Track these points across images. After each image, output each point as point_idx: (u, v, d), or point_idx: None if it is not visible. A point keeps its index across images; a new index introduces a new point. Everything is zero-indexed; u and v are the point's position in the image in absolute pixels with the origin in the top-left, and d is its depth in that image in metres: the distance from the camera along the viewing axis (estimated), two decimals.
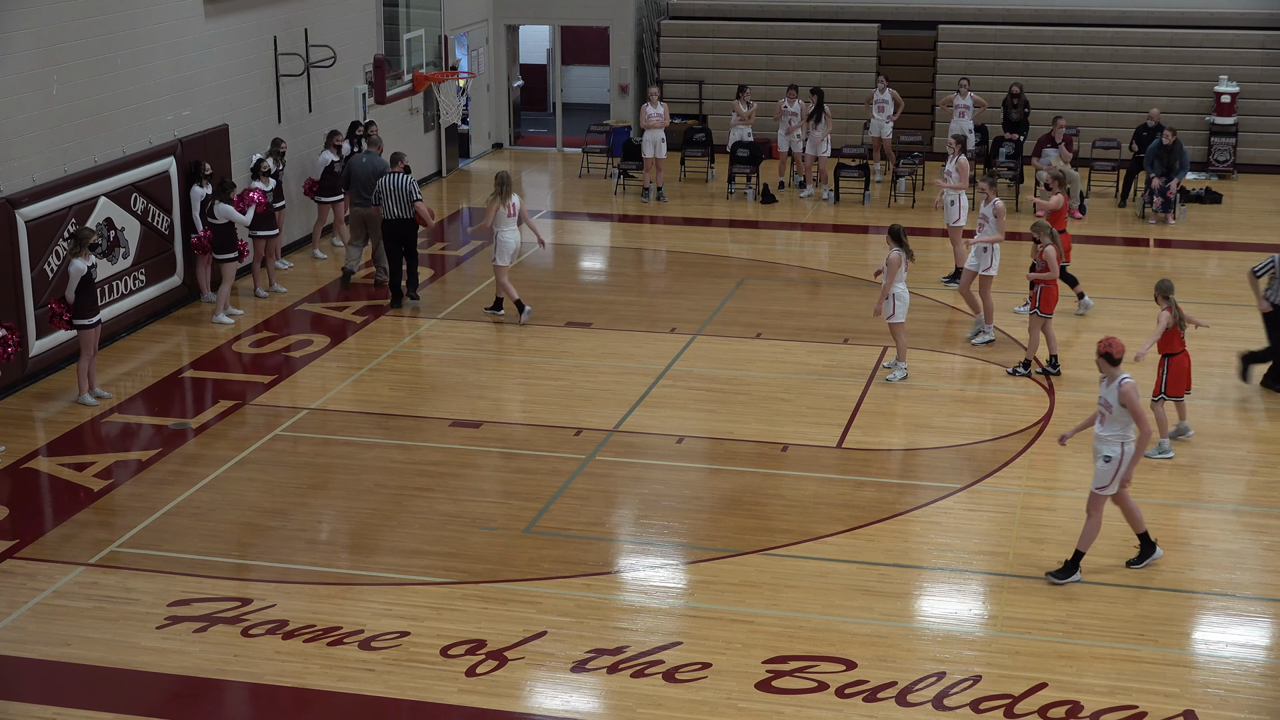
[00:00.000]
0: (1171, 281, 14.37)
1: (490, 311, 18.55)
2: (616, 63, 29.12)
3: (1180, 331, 14.24)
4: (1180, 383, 14.31)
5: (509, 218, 18.07)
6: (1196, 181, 25.64)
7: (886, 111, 25.66)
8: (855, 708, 10.05)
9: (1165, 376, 14.30)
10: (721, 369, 16.72)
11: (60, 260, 16.12)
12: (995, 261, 17.20)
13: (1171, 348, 14.27)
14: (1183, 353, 14.30)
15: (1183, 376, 14.30)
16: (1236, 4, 27.19)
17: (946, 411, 15.55)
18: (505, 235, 18.07)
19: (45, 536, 12.66)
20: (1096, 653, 10.75)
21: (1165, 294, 14.19)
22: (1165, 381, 14.30)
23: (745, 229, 23.25)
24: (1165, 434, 14.28)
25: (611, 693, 10.26)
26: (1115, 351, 11.63)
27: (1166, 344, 14.26)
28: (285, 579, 11.88)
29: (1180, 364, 14.28)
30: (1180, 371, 14.28)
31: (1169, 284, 14.28)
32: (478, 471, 14.15)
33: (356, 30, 23.11)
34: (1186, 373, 14.33)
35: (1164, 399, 14.34)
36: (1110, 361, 11.64)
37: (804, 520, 12.90)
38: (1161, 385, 14.33)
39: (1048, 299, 16.12)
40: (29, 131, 16.02)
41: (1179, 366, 14.27)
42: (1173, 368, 14.27)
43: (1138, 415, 11.44)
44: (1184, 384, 14.35)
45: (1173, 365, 14.27)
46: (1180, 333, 14.24)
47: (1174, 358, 14.28)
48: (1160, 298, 14.22)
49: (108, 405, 15.56)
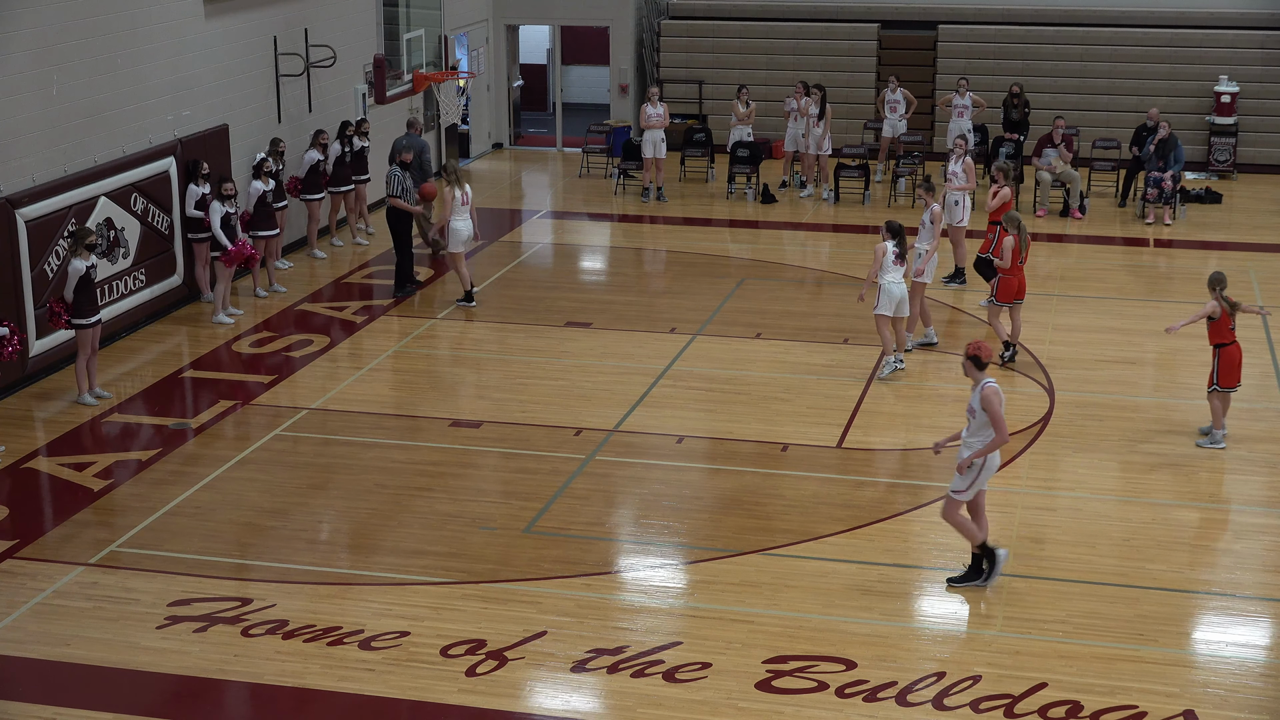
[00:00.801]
0: (1223, 274, 14.50)
1: (462, 304, 18.87)
2: (616, 63, 29.12)
3: (1230, 323, 14.31)
4: (1232, 374, 14.38)
5: (462, 206, 18.74)
6: (1196, 181, 25.63)
7: (900, 111, 25.69)
8: (855, 708, 10.05)
9: (1217, 368, 14.38)
10: (721, 369, 16.72)
11: (60, 260, 16.12)
12: (930, 269, 17.13)
13: (1221, 339, 14.36)
14: (1233, 344, 14.38)
15: (1234, 368, 14.37)
16: (1236, 4, 27.19)
17: (946, 411, 15.55)
18: (458, 223, 18.76)
19: (45, 536, 12.66)
20: (1096, 653, 10.75)
21: (1215, 285, 14.34)
22: (1217, 373, 14.39)
23: (745, 229, 23.25)
24: (1218, 425, 14.40)
25: (611, 693, 10.26)
26: (983, 355, 11.45)
27: (1216, 335, 14.37)
28: (285, 579, 11.88)
29: (1231, 355, 14.36)
30: (1231, 363, 14.35)
31: (1221, 275, 14.47)
32: (478, 471, 14.15)
33: (356, 30, 23.11)
34: (1237, 365, 14.40)
35: (1216, 390, 14.42)
36: (977, 365, 11.45)
37: (804, 520, 12.90)
38: (1214, 377, 14.42)
39: (1005, 288, 16.59)
40: (29, 131, 16.02)
41: (1229, 358, 14.35)
42: (1223, 359, 14.35)
43: (995, 421, 11.25)
44: (1235, 376, 14.42)
45: (1223, 356, 14.35)
46: (1230, 324, 14.32)
47: (1224, 349, 14.36)
48: (1212, 288, 14.35)
49: (108, 405, 15.56)
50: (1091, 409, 15.50)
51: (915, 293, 17.06)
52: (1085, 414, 15.35)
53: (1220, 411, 14.47)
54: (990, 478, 11.58)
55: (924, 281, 17.09)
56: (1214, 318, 14.30)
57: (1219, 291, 14.31)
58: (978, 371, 11.46)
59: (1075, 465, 14.09)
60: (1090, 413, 15.38)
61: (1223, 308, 14.24)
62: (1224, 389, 14.43)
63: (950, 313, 18.71)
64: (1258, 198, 24.99)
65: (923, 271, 17.02)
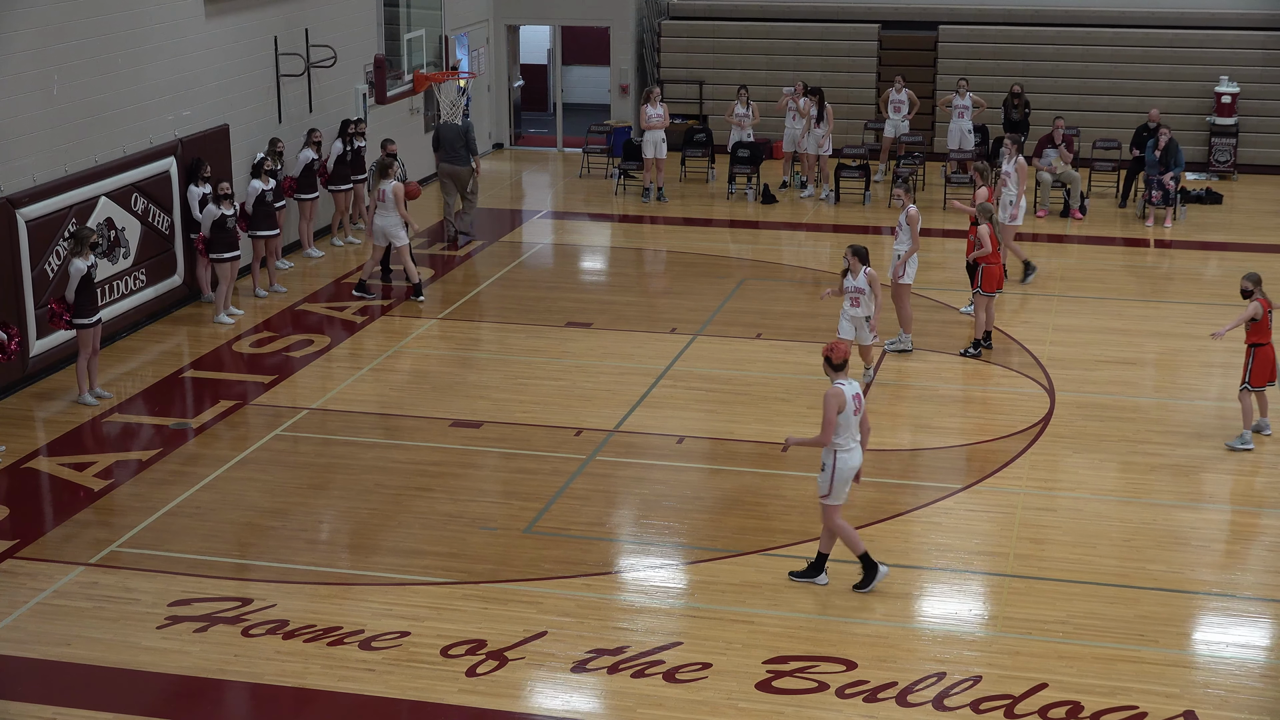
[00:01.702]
0: (1259, 274, 14.56)
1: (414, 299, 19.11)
2: (617, 63, 29.11)
3: (1269, 323, 14.37)
4: (1264, 373, 14.42)
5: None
6: (1196, 182, 25.63)
7: (903, 111, 25.69)
8: (855, 708, 10.05)
9: (1250, 366, 14.43)
10: (721, 369, 16.72)
11: (60, 260, 16.12)
12: (911, 270, 17.08)
13: (1258, 338, 14.40)
14: (1268, 344, 14.42)
15: (1267, 366, 14.42)
16: (1236, 4, 27.18)
17: (946, 411, 15.55)
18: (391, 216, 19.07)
19: (45, 536, 12.66)
20: (1096, 653, 10.75)
21: (1256, 284, 14.39)
22: (1250, 371, 14.43)
23: (745, 229, 23.25)
24: (1248, 425, 14.43)
25: (612, 693, 10.26)
26: (834, 357, 11.43)
27: (1254, 334, 14.41)
28: (285, 579, 11.88)
29: (1266, 355, 14.41)
30: (1265, 362, 14.39)
31: (1257, 275, 14.53)
32: (478, 471, 14.15)
33: (357, 30, 23.11)
34: (1272, 363, 14.44)
35: (1248, 389, 14.46)
36: (829, 365, 11.46)
37: (804, 520, 12.90)
38: (1246, 374, 14.46)
39: (989, 278, 16.81)
40: (29, 131, 16.02)
41: (1264, 357, 14.40)
42: (1258, 358, 14.39)
43: (824, 422, 11.25)
44: (1268, 374, 14.46)
45: (1258, 355, 14.39)
46: (1268, 324, 14.38)
47: (1260, 348, 14.41)
48: (1252, 287, 14.38)
49: (108, 405, 15.56)
50: (1091, 409, 15.50)
51: (901, 294, 17.06)
52: (1085, 414, 15.35)
53: (1251, 411, 14.52)
54: (848, 480, 11.45)
55: (906, 283, 17.06)
56: (1256, 319, 14.37)
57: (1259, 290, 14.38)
58: (832, 371, 11.47)
59: (1075, 465, 14.09)
60: (1090, 413, 15.38)
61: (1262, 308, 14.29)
62: (1255, 388, 14.48)
63: (950, 313, 18.70)
64: (1258, 198, 24.99)
65: (903, 274, 16.99)
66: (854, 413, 11.33)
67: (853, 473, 11.45)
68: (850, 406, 11.29)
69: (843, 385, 11.34)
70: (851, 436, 11.38)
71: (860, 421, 11.47)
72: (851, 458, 11.40)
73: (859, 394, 11.42)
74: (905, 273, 16.99)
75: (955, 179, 24.31)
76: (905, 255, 16.89)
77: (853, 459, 11.41)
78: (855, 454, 11.43)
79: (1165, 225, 22.99)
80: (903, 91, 25.71)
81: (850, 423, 11.33)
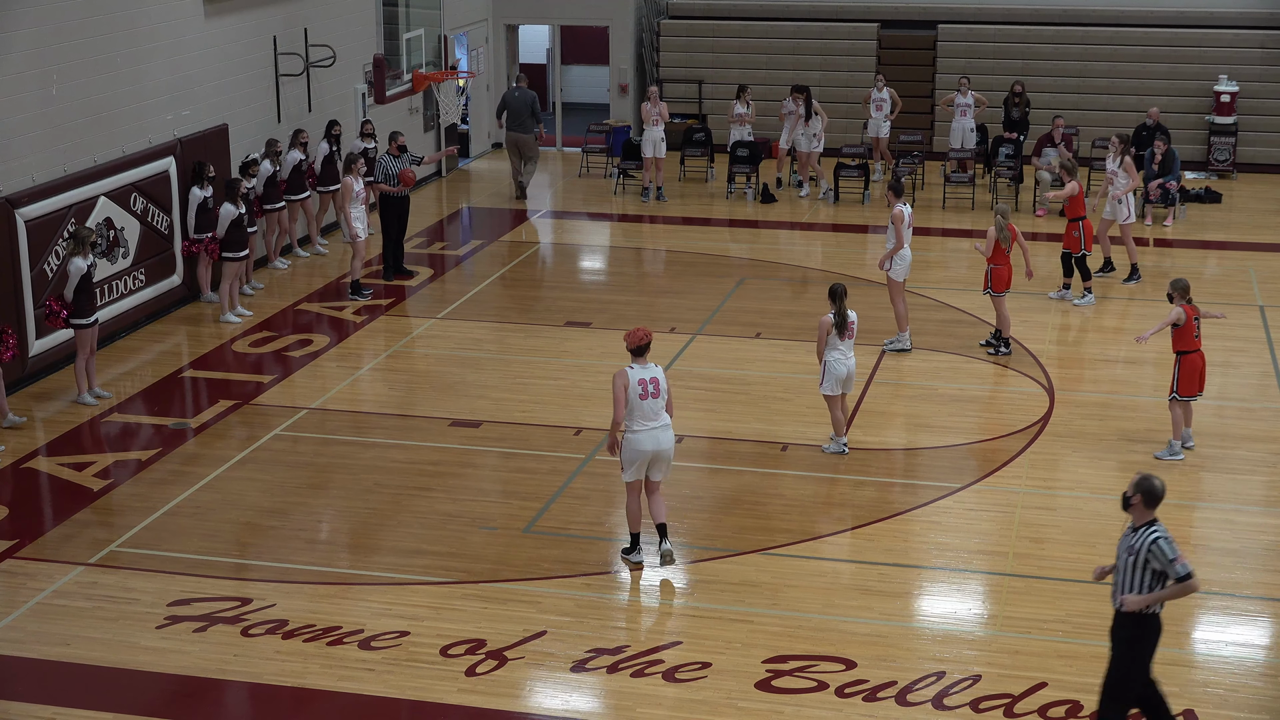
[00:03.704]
0: (1187, 281, 14.17)
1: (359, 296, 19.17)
2: (616, 62, 29.11)
3: (1194, 331, 13.99)
4: (1191, 383, 14.04)
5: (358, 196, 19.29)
6: (1196, 181, 25.62)
7: (884, 110, 25.64)
8: (855, 707, 10.05)
9: (1176, 375, 14.05)
10: (721, 369, 16.72)
11: (60, 260, 16.12)
12: (901, 267, 16.99)
13: (1184, 346, 14.01)
14: (1196, 352, 14.02)
15: (1194, 377, 14.02)
16: (1236, 4, 27.18)
17: (946, 411, 15.55)
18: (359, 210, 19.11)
19: (45, 536, 12.66)
20: (1096, 653, 10.71)
21: (1181, 291, 13.99)
22: (1177, 380, 14.06)
23: (745, 229, 23.25)
24: (1176, 435, 14.19)
25: (611, 692, 10.26)
26: (629, 342, 11.73)
27: (1179, 342, 14.02)
28: (285, 579, 11.88)
29: (1192, 363, 13.99)
30: (1192, 371, 14.00)
31: (1184, 282, 14.09)
32: (478, 471, 14.15)
33: (356, 30, 23.11)
34: (1199, 373, 14.05)
35: (1176, 399, 14.13)
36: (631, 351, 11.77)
37: (804, 520, 12.90)
38: (1174, 384, 14.11)
39: (998, 279, 16.79)
40: (29, 131, 16.02)
41: (1190, 366, 13.99)
42: (1184, 366, 13.99)
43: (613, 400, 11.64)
44: (1195, 385, 14.07)
45: (1184, 364, 13.99)
46: (1193, 332, 13.98)
47: (1186, 356, 13.99)
48: (1176, 295, 13.99)
49: (107, 405, 15.56)
50: (1091, 409, 15.50)
51: (893, 292, 17.07)
52: (1085, 414, 15.35)
53: (1179, 421, 14.16)
54: (640, 462, 11.69)
55: (897, 280, 17.03)
56: (1178, 324, 13.95)
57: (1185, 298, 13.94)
58: (633, 356, 11.76)
59: (1075, 465, 14.08)
60: (1090, 413, 15.38)
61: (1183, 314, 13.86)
62: (1182, 398, 14.09)
63: (950, 313, 18.70)
64: (1257, 197, 24.99)
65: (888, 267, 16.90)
66: (641, 396, 11.60)
67: (643, 455, 11.71)
68: (636, 391, 11.59)
69: (631, 370, 11.66)
70: (642, 419, 11.63)
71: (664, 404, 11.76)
72: (639, 440, 11.66)
73: (656, 378, 11.71)
74: (892, 268, 16.94)
75: (955, 178, 24.30)
76: (888, 253, 16.87)
77: (640, 445, 11.66)
78: (644, 437, 11.67)
79: (1165, 224, 22.99)
80: (884, 90, 25.65)
81: (638, 405, 11.61)
